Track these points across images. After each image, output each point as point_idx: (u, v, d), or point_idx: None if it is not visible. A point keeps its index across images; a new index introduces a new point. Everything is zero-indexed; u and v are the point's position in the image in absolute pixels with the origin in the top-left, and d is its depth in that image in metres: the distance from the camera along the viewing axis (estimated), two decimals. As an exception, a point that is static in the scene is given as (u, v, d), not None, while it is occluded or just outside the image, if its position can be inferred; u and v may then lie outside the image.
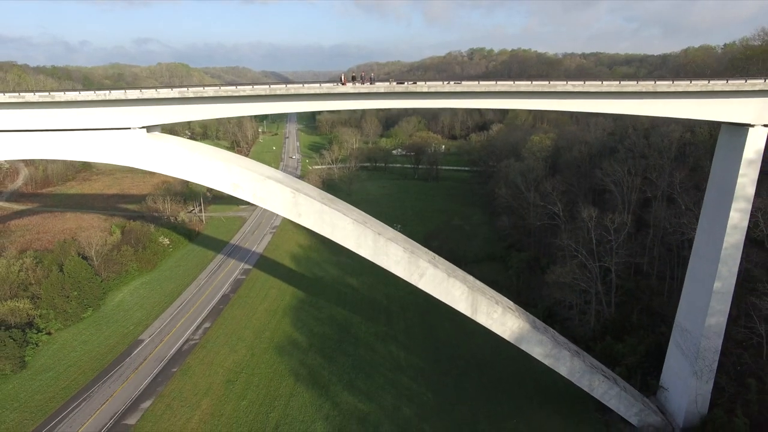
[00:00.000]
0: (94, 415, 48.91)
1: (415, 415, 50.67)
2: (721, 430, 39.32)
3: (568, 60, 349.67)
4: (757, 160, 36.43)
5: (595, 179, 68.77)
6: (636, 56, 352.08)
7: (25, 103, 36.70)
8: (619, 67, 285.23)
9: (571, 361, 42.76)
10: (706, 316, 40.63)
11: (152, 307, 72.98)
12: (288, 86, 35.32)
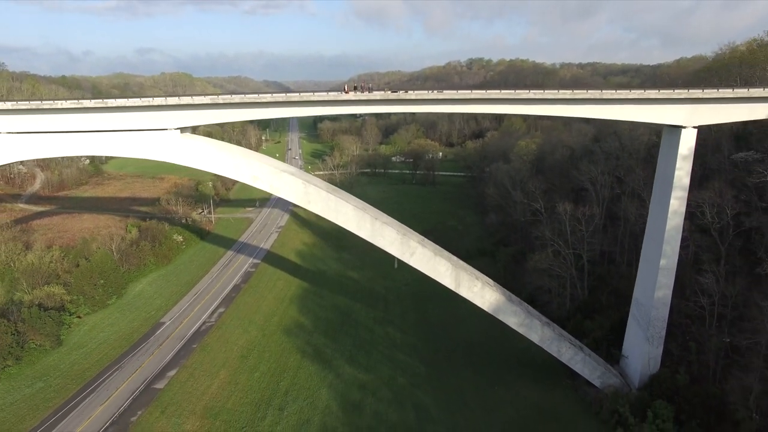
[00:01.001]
0: (127, 381, 55.79)
1: (408, 384, 57.57)
2: (665, 384, 46.21)
3: (565, 70, 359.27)
4: (690, 156, 43.74)
5: (574, 178, 76.09)
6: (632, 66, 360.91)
7: (82, 108, 44.14)
8: (614, 77, 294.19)
9: (541, 330, 49.75)
10: (654, 290, 47.71)
11: (170, 295, 79.99)
12: (301, 94, 42.79)
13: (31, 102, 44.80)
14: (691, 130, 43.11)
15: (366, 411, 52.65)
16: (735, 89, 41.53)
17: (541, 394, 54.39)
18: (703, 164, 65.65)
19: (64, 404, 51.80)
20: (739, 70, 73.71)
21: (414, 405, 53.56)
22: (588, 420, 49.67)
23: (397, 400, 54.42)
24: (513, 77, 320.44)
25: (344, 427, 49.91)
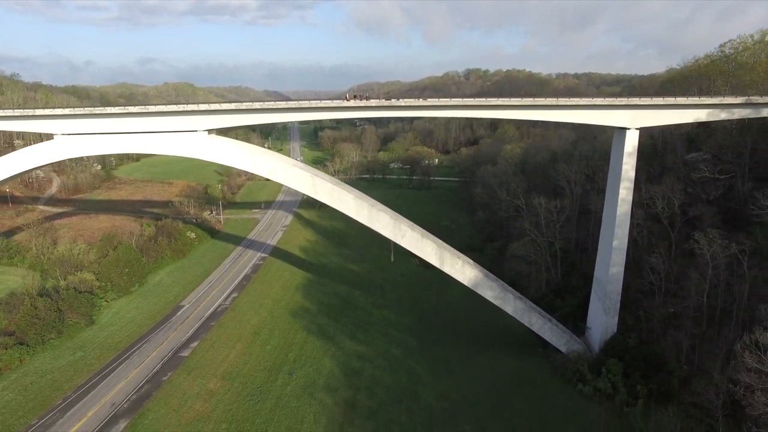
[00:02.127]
0: (156, 350, 63.92)
1: (401, 354, 65.76)
2: (617, 346, 54.46)
3: (561, 80, 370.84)
4: (633, 152, 52.45)
5: (552, 178, 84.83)
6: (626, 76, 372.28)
7: (127, 114, 52.86)
8: (608, 86, 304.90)
9: (514, 302, 58.11)
10: (609, 267, 56.16)
11: (187, 283, 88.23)
12: (310, 102, 51.56)
13: (85, 108, 53.55)
14: (634, 131, 51.85)
15: (364, 375, 60.79)
16: (665, 98, 50.26)
17: (517, 362, 62.63)
18: (661, 163, 74.70)
19: (103, 368, 59.89)
20: (697, 81, 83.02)
21: (406, 371, 61.72)
22: (555, 380, 57.86)
23: (392, 368, 62.58)
24: (508, 87, 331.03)
25: (345, 388, 57.96)
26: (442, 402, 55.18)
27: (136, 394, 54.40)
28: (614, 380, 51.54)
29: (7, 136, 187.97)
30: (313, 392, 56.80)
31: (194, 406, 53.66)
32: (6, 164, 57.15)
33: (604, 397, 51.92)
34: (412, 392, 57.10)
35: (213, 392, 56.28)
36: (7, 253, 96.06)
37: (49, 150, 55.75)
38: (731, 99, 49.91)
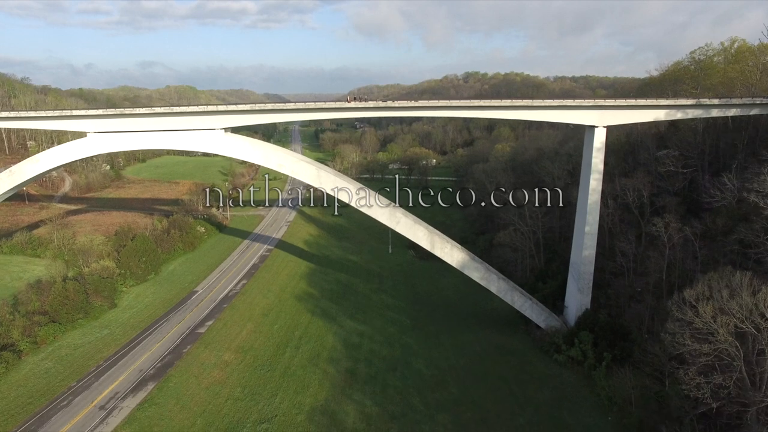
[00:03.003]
0: (175, 328, 70.60)
1: (397, 331, 72.51)
2: (589, 321, 61.15)
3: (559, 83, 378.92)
4: (602, 148, 59.30)
5: (536, 173, 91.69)
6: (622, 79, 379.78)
7: (153, 114, 59.75)
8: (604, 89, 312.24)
9: (498, 282, 64.85)
10: (582, 250, 62.93)
11: (199, 272, 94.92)
12: (316, 103, 58.43)
13: (116, 109, 60.42)
14: (602, 129, 58.70)
15: (363, 349, 67.51)
16: (627, 99, 57.09)
17: (501, 337, 69.38)
18: (635, 159, 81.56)
19: (128, 343, 66.53)
20: (671, 84, 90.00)
21: (401, 345, 68.47)
22: (535, 352, 64.59)
23: (388, 342, 69.34)
24: (505, 90, 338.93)
25: (346, 359, 64.67)
26: (432, 370, 61.92)
27: (161, 363, 61.08)
28: (585, 349, 58.23)
29: (21, 137, 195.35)
30: (318, 363, 63.48)
31: (212, 373, 60.32)
32: (46, 159, 64.01)
33: (576, 363, 58.66)
34: (406, 362, 63.83)
35: (228, 363, 62.94)
36: (30, 245, 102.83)
37: (83, 147, 62.60)
38: (684, 100, 56.82)
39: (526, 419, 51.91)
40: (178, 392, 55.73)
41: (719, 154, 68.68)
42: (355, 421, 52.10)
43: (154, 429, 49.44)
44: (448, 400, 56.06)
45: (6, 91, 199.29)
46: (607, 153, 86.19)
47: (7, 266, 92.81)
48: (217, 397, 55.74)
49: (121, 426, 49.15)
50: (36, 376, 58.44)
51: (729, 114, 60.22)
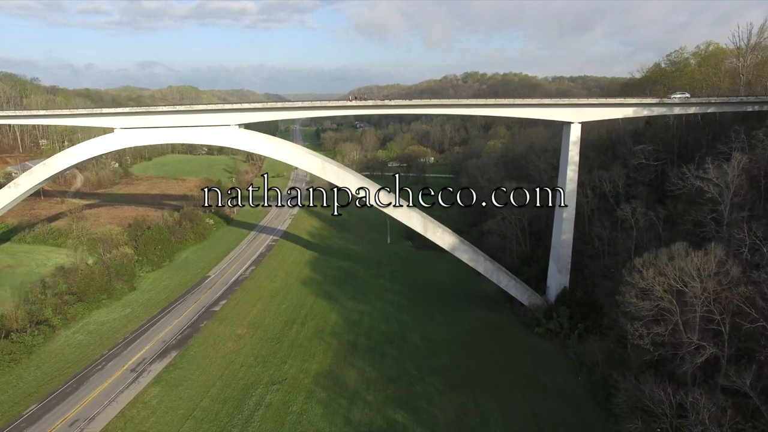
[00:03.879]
0: (192, 307, 77.41)
1: (394, 310, 79.35)
2: (566, 298, 67.99)
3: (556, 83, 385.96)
4: (577, 142, 66.06)
5: (523, 167, 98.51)
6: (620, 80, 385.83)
7: (175, 111, 66.53)
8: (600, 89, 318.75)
9: (484, 263, 71.65)
10: (561, 234, 69.72)
11: (210, 260, 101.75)
12: (321, 102, 65.19)
13: (141, 107, 67.17)
14: (577, 125, 65.50)
15: (363, 325, 74.35)
16: (599, 98, 63.82)
17: (489, 315, 76.22)
18: (614, 153, 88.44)
19: (149, 319, 73.33)
20: (649, 85, 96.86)
21: (398, 321, 75.30)
22: (518, 326, 71.42)
23: (386, 319, 76.17)
24: (502, 90, 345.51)
25: (348, 333, 71.48)
26: (425, 342, 68.75)
27: (181, 335, 67.93)
28: (561, 322, 65.06)
29: (33, 136, 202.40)
30: (322, 336, 70.31)
31: (227, 344, 67.16)
32: (77, 152, 70.82)
33: (554, 335, 65.50)
34: (402, 336, 70.69)
35: (241, 336, 69.78)
36: (51, 236, 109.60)
37: (110, 141, 69.41)
38: (648, 99, 63.60)
39: (507, 381, 58.74)
40: (198, 359, 62.57)
41: (687, 148, 75.44)
42: (356, 383, 58.87)
43: (179, 388, 56.23)
44: (439, 366, 62.86)
45: (18, 91, 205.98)
46: (588, 148, 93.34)
47: (31, 255, 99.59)
48: (232, 364, 62.56)
49: (150, 384, 56.00)
50: (70, 347, 65.30)
51: (689, 112, 67.02)
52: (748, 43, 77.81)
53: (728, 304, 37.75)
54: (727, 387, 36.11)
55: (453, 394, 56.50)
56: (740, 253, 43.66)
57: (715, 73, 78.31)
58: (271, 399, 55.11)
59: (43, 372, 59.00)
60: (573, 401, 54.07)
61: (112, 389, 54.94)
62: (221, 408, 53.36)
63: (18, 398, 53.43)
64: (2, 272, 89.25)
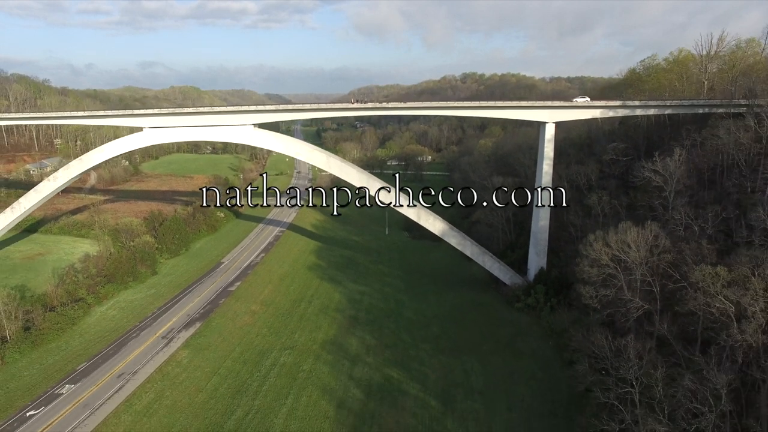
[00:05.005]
0: (210, 287, 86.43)
1: (391, 291, 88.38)
2: (543, 277, 76.99)
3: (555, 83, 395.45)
4: (552, 139, 75.03)
5: (510, 164, 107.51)
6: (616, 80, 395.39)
7: (198, 112, 75.48)
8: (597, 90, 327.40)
9: (471, 247, 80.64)
10: (538, 221, 78.70)
11: (223, 249, 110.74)
12: (328, 104, 74.13)
13: (168, 108, 76.10)
14: (551, 124, 74.49)
15: (364, 303, 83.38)
16: (569, 101, 72.73)
17: (476, 294, 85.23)
18: (590, 150, 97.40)
19: (173, 298, 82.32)
20: (625, 88, 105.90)
21: (395, 300, 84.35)
22: (501, 303, 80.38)
23: (384, 298, 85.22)
24: (499, 91, 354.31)
25: (350, 309, 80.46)
26: (419, 316, 77.82)
27: (203, 310, 76.95)
28: (538, 297, 74.11)
29: (48, 135, 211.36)
30: (327, 312, 79.35)
31: (243, 318, 76.17)
32: (110, 148, 79.80)
33: (531, 309, 74.50)
34: (398, 312, 79.73)
35: (255, 312, 78.80)
36: (75, 227, 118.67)
37: (140, 139, 78.32)
38: (613, 102, 72.58)
39: (489, 347, 67.78)
40: (220, 329, 71.61)
41: (652, 146, 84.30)
42: (358, 349, 67.90)
43: (205, 351, 65.26)
44: (430, 335, 71.93)
45: (32, 92, 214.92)
46: (569, 146, 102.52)
47: (58, 244, 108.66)
48: (249, 334, 71.61)
49: (180, 348, 65.06)
50: (106, 320, 74.36)
51: (649, 113, 76.06)
52: (708, 52, 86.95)
53: (657, 269, 46.68)
54: (653, 332, 45.02)
55: (441, 357, 65.57)
56: (677, 230, 52.66)
57: (678, 78, 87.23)
58: (284, 360, 64.15)
59: (86, 339, 68.08)
60: (543, 362, 63.11)
61: (147, 351, 64.02)
62: (242, 367, 62.39)
63: (69, 358, 62.52)
64: (35, 259, 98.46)
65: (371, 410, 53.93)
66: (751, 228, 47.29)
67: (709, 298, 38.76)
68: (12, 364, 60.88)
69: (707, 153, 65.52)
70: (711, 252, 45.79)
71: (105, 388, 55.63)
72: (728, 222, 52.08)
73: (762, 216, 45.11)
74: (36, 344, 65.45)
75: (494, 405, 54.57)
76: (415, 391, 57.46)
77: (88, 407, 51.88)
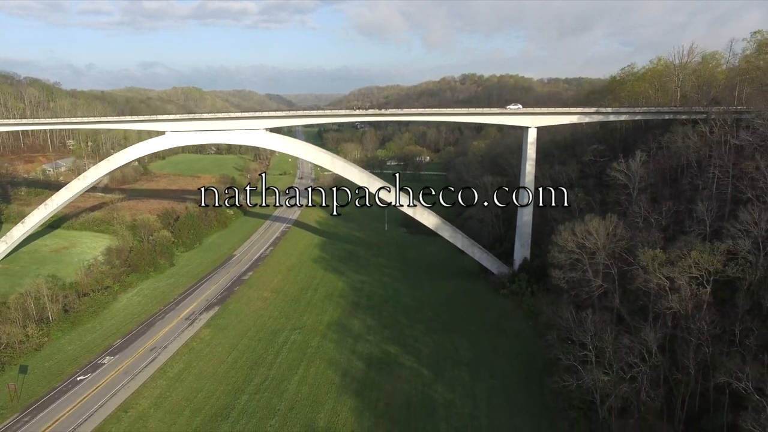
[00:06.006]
0: (225, 277, 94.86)
1: (390, 280, 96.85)
2: (526, 266, 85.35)
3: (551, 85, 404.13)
4: (534, 142, 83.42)
5: (499, 165, 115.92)
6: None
7: (215, 118, 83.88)
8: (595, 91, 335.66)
9: (462, 239, 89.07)
10: (523, 216, 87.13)
11: (234, 243, 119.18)
12: (333, 110, 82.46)
13: (188, 114, 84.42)
14: (533, 129, 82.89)
15: (365, 290, 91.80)
16: (548, 108, 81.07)
17: (466, 283, 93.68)
18: (572, 152, 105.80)
19: (192, 286, 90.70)
20: (605, 94, 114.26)
21: (393, 288, 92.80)
22: (489, 290, 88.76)
23: (383, 286, 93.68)
24: (496, 92, 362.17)
25: (352, 296, 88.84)
26: (414, 302, 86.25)
27: (220, 296, 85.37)
28: (521, 284, 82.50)
29: (61, 137, 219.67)
30: (332, 298, 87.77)
31: (257, 303, 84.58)
32: (134, 151, 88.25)
33: (515, 294, 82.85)
34: (396, 298, 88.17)
35: (267, 298, 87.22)
36: (94, 223, 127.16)
37: (163, 142, 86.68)
38: (588, 108, 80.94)
39: (476, 327, 76.17)
40: (236, 312, 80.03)
41: (627, 148, 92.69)
42: (360, 329, 76.28)
43: (224, 331, 73.65)
44: (424, 318, 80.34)
45: (46, 95, 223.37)
46: (554, 148, 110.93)
47: (81, 239, 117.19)
48: (262, 316, 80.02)
49: (202, 327, 73.46)
50: (132, 305, 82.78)
51: (621, 119, 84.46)
52: (680, 62, 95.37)
53: (615, 254, 55.04)
54: (611, 307, 53.44)
55: (433, 335, 74.01)
56: (636, 221, 61.04)
57: (651, 86, 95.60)
58: (295, 338, 72.56)
59: (117, 321, 76.52)
60: (523, 339, 71.55)
61: (174, 330, 72.46)
62: (257, 344, 70.81)
63: (104, 336, 70.95)
64: (62, 252, 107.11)
65: (372, 378, 62.30)
66: (696, 220, 55.62)
67: (649, 275, 47.09)
68: (56, 341, 69.35)
69: (670, 155, 73.96)
70: (659, 239, 54.11)
71: (140, 359, 64.05)
72: (680, 215, 60.44)
73: (701, 209, 53.48)
74: (74, 324, 73.92)
75: (478, 374, 62.97)
76: (409, 363, 65.85)
77: (128, 374, 60.30)
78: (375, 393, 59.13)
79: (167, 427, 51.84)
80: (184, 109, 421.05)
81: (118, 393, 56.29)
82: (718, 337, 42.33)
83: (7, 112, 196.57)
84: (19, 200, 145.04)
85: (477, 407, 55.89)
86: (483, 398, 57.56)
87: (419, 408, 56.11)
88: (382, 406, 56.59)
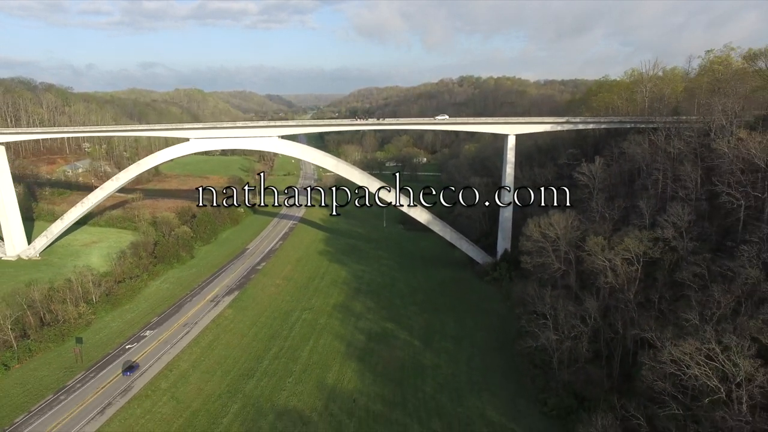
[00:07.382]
0: (241, 267, 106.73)
1: (387, 270, 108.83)
2: (507, 256, 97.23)
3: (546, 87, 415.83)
4: (513, 148, 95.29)
5: (487, 167, 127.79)
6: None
7: (234, 126, 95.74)
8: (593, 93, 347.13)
9: (451, 233, 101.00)
10: (504, 212, 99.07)
11: (246, 238, 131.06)
12: (338, 120, 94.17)
13: (210, 123, 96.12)
14: (513, 136, 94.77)
15: (365, 278, 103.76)
16: (525, 117, 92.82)
17: (455, 272, 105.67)
18: (552, 157, 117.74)
19: (212, 274, 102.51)
20: (581, 104, 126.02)
21: (390, 276, 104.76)
22: (475, 278, 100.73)
23: (381, 275, 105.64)
24: (491, 95, 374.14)
25: (354, 282, 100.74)
26: (409, 288, 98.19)
27: (238, 282, 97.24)
28: (502, 272, 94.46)
29: (77, 140, 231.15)
30: (336, 285, 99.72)
31: (270, 289, 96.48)
32: (162, 155, 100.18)
33: (496, 281, 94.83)
34: (392, 285, 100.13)
35: (279, 285, 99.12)
36: (118, 221, 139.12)
37: (187, 147, 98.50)
38: (559, 118, 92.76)
39: (462, 308, 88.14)
40: (253, 296, 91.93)
41: (598, 152, 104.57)
42: (361, 309, 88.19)
43: (244, 311, 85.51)
44: (417, 301, 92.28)
45: (62, 100, 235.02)
46: (534, 151, 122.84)
47: (107, 234, 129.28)
48: (276, 300, 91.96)
49: (226, 308, 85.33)
50: (161, 291, 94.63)
51: (589, 128, 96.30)
52: (646, 74, 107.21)
53: (572, 242, 66.94)
54: (569, 285, 65.43)
55: (424, 315, 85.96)
56: (593, 216, 72.94)
57: (619, 97, 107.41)
58: (305, 317, 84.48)
59: (150, 303, 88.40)
60: (501, 316, 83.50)
61: (201, 310, 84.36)
62: (273, 321, 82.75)
63: (143, 314, 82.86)
64: (91, 246, 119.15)
65: (371, 348, 74.24)
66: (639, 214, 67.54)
67: (594, 258, 58.99)
68: (101, 318, 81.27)
69: (628, 160, 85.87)
70: (608, 230, 66.02)
71: (176, 333, 75.95)
72: (628, 210, 72.35)
73: (643, 205, 65.38)
74: (114, 306, 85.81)
75: (461, 344, 74.93)
76: (403, 336, 77.81)
77: (168, 344, 72.21)
78: (374, 359, 71.06)
79: (204, 383, 63.78)
80: (187, 111, 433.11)
81: (162, 357, 68.22)
82: (641, 304, 54.25)
83: (27, 117, 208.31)
84: (44, 199, 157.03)
85: (458, 368, 67.85)
86: (463, 362, 69.54)
87: (411, 369, 68.08)
88: (380, 368, 68.55)
